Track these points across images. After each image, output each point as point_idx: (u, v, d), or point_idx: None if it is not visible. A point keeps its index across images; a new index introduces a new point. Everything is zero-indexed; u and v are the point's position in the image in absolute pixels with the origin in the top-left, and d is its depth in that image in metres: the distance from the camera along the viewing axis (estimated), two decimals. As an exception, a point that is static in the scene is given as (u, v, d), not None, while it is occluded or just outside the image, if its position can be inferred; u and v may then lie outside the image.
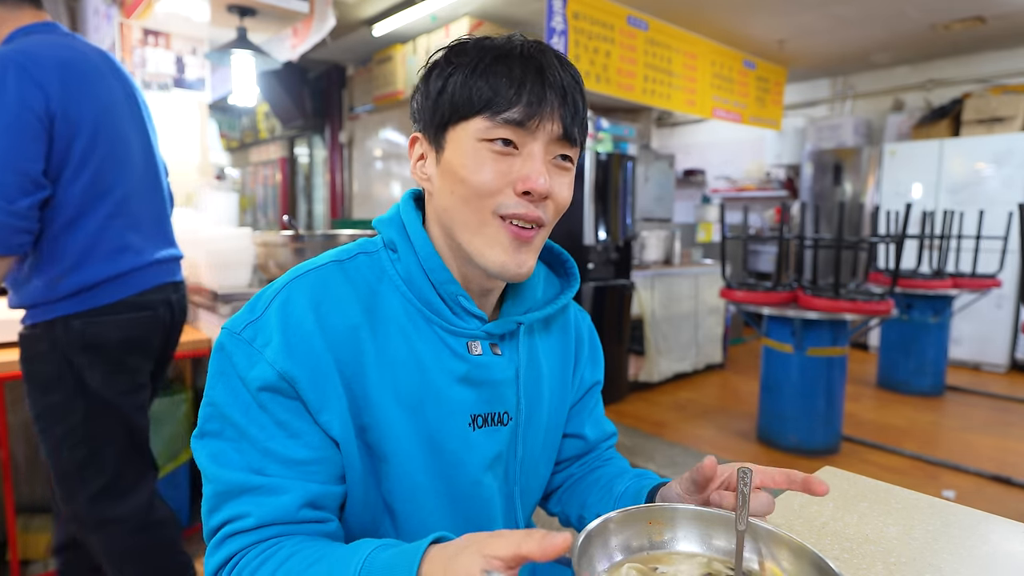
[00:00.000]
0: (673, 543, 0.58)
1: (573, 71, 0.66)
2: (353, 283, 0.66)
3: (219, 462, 0.61)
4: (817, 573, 0.51)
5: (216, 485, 0.61)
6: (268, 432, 0.61)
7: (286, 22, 2.68)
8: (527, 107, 0.62)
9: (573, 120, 0.65)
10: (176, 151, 2.80)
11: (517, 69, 0.62)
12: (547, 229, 0.68)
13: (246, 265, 2.20)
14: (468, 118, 0.63)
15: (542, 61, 0.64)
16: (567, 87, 0.64)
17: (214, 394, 0.63)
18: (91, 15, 3.64)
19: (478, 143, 0.63)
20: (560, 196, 0.66)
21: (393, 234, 0.70)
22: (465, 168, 0.63)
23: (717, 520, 0.58)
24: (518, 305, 0.75)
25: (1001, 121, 4.76)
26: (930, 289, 3.85)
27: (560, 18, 3.55)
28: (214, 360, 0.64)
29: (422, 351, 0.67)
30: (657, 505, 0.60)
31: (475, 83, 0.62)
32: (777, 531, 0.56)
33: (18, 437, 2.13)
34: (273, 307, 0.63)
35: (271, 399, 0.61)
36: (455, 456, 0.68)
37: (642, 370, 4.18)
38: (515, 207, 0.63)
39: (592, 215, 3.69)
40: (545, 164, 0.64)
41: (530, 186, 0.62)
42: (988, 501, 2.60)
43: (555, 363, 0.80)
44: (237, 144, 7.74)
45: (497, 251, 0.65)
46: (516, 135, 0.63)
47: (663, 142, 7.50)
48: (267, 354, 0.60)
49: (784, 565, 0.54)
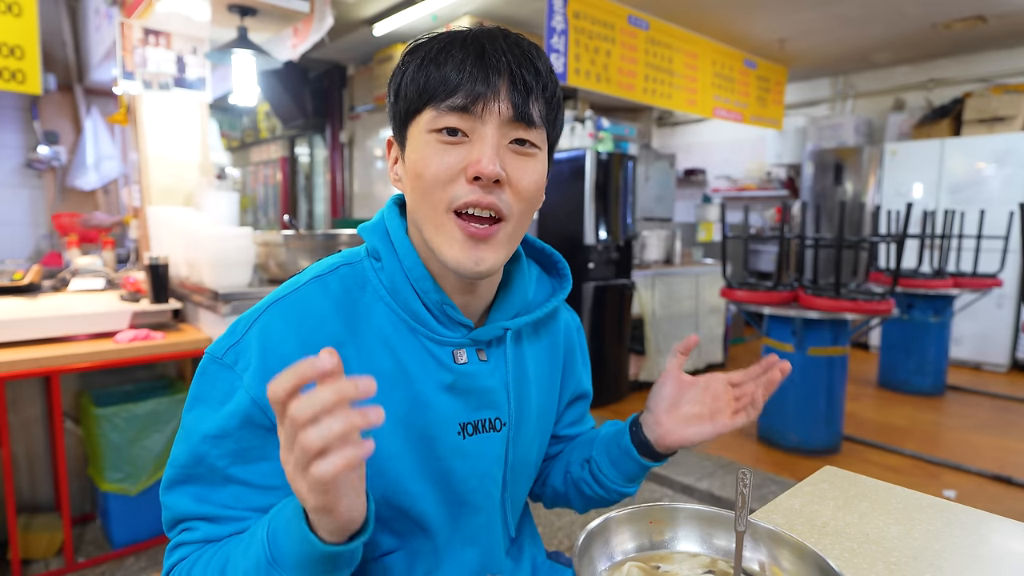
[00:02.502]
0: (674, 543, 0.59)
1: (526, 47, 0.63)
2: (334, 298, 0.65)
3: (177, 485, 0.63)
4: (818, 573, 0.52)
5: (174, 511, 0.63)
6: (232, 460, 0.61)
7: (287, 22, 2.67)
8: (469, 91, 0.60)
9: (526, 99, 0.61)
10: (177, 151, 2.80)
11: (459, 55, 0.61)
12: (511, 225, 0.64)
13: (247, 265, 2.20)
14: (419, 112, 0.62)
15: (484, 44, 0.61)
16: (514, 65, 0.61)
17: (189, 418, 0.63)
18: (92, 15, 3.64)
19: (428, 135, 0.62)
20: (521, 183, 0.63)
21: (377, 242, 0.69)
22: (419, 162, 0.62)
23: (717, 520, 0.59)
24: (507, 308, 0.73)
25: (1002, 120, 4.76)
26: (931, 289, 3.84)
27: (560, 17, 3.54)
28: (195, 383, 0.64)
29: (407, 362, 0.66)
30: (657, 505, 0.61)
31: (421, 76, 0.62)
32: (778, 531, 0.56)
33: (18, 437, 2.13)
34: (253, 331, 0.63)
35: (244, 430, 0.60)
36: (446, 465, 0.68)
37: (643, 370, 4.18)
38: (467, 195, 0.61)
39: (593, 215, 3.69)
40: (499, 149, 0.61)
41: (478, 170, 0.59)
42: (989, 501, 2.59)
43: (543, 368, 0.80)
44: (238, 144, 7.74)
45: (453, 248, 0.62)
46: (463, 122, 0.61)
47: (664, 142, 7.50)
48: (246, 379, 0.60)
49: (785, 565, 0.55)
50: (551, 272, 0.82)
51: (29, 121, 4.81)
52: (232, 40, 2.60)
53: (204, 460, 0.61)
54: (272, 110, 6.08)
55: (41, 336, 1.93)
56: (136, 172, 2.84)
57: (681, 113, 6.54)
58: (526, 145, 0.63)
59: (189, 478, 0.62)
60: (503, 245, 0.64)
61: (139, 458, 1.99)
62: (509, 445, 0.73)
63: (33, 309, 2.03)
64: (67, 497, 1.93)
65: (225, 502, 0.62)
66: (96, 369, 1.91)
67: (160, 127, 2.75)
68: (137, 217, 2.91)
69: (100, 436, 1.94)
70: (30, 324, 1.90)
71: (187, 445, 0.62)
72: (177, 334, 2.14)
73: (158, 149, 2.75)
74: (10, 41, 2.38)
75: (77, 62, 4.44)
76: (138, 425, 1.99)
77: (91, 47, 3.83)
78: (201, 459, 0.61)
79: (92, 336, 2.04)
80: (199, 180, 2.82)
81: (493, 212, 0.62)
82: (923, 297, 3.97)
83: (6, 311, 1.94)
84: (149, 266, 2.20)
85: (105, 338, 2.04)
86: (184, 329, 2.25)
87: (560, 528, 2.29)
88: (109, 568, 2.00)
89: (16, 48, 2.39)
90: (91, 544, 2.12)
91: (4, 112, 4.70)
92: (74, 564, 1.96)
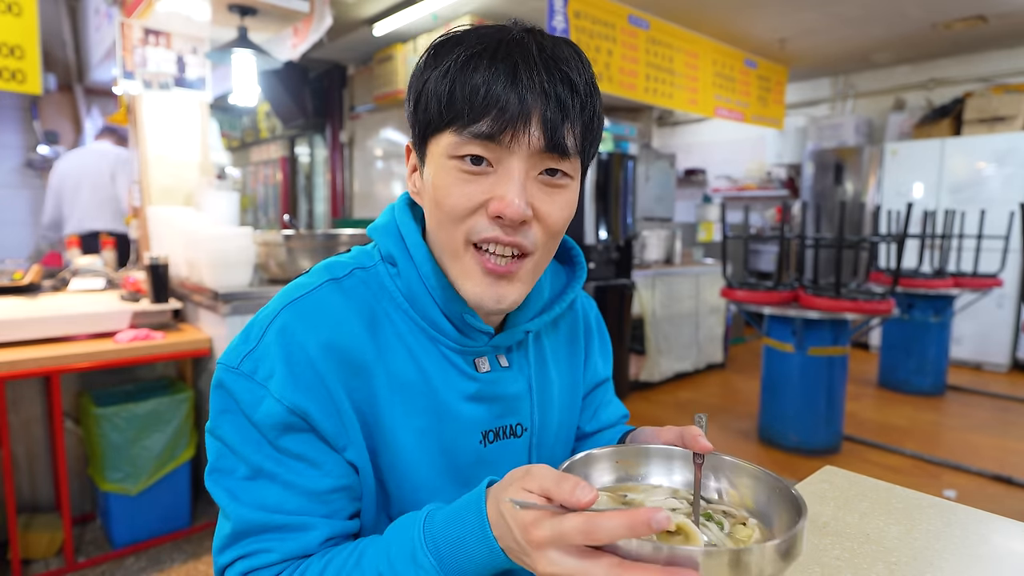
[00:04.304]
0: (641, 479, 0.62)
1: (564, 58, 0.56)
2: (353, 302, 0.61)
3: (238, 499, 0.57)
4: (772, 491, 0.55)
5: (235, 523, 0.56)
6: (286, 466, 0.57)
7: (287, 21, 2.67)
8: (497, 118, 0.53)
9: (560, 126, 0.54)
10: (177, 151, 2.80)
11: (487, 71, 0.53)
12: (536, 258, 0.60)
13: (247, 264, 2.20)
14: (440, 131, 0.56)
15: (518, 58, 0.54)
16: (547, 84, 0.54)
17: (222, 432, 0.58)
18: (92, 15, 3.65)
19: (448, 160, 0.56)
20: (550, 217, 0.57)
21: (391, 246, 0.65)
22: (438, 190, 0.57)
23: (679, 455, 0.62)
24: (527, 310, 0.69)
25: (1002, 120, 4.76)
26: (931, 289, 3.84)
27: (561, 17, 3.54)
28: (215, 398, 0.59)
29: (430, 371, 0.63)
30: (625, 446, 0.64)
31: (444, 89, 0.55)
32: (736, 460, 0.59)
33: (18, 437, 2.13)
34: (270, 334, 0.58)
35: (284, 436, 0.56)
36: (469, 474, 0.66)
37: (643, 370, 4.18)
38: (488, 231, 0.56)
39: (593, 215, 3.69)
40: (528, 182, 0.56)
41: (501, 210, 0.54)
42: (989, 501, 2.59)
43: (563, 362, 0.78)
44: (238, 143, 7.74)
45: (472, 283, 0.58)
46: (488, 151, 0.55)
47: (664, 141, 7.50)
48: (272, 388, 0.56)
49: (742, 490, 0.58)
50: (565, 261, 0.78)
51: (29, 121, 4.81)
52: (232, 40, 2.60)
53: (254, 465, 0.57)
54: (272, 110, 6.08)
55: (41, 336, 1.93)
56: (136, 172, 2.84)
57: (681, 113, 6.54)
58: (557, 175, 0.57)
59: (242, 486, 0.57)
60: (526, 280, 0.60)
61: (139, 458, 1.99)
62: (532, 450, 0.71)
63: (33, 309, 2.03)
64: (67, 497, 1.93)
65: (296, 508, 0.56)
66: (96, 369, 1.91)
67: (160, 127, 2.75)
68: (137, 217, 2.91)
69: (100, 436, 1.94)
70: (30, 324, 1.90)
71: (230, 459, 0.58)
72: (177, 334, 2.14)
73: (158, 149, 2.75)
74: (10, 41, 2.38)
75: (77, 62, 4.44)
76: (138, 425, 1.99)
77: (91, 47, 3.83)
78: (252, 465, 0.57)
79: (92, 336, 2.04)
80: (199, 180, 2.82)
81: (516, 250, 0.58)
82: (923, 297, 3.97)
83: (6, 311, 1.94)
84: (149, 266, 2.20)
85: (105, 338, 2.04)
86: (184, 329, 2.25)
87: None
88: (109, 568, 2.00)
89: (16, 48, 2.39)
90: (91, 544, 2.12)
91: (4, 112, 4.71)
92: (74, 564, 1.96)
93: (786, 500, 0.53)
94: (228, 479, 0.58)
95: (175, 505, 2.12)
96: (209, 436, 0.60)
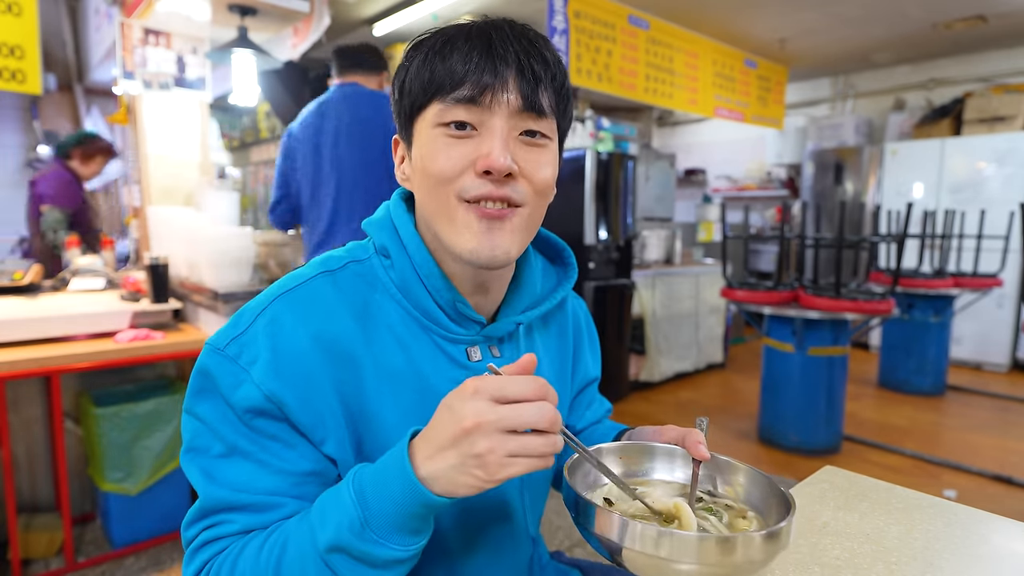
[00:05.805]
0: (644, 474, 0.69)
1: (533, 36, 0.62)
2: (345, 295, 0.64)
3: (211, 478, 0.58)
4: (765, 489, 0.62)
5: (204, 500, 0.58)
6: (260, 444, 0.58)
7: (287, 21, 2.67)
8: (476, 82, 0.58)
9: (535, 89, 0.60)
10: (177, 151, 2.80)
11: (464, 47, 0.59)
12: (527, 211, 0.63)
13: (247, 264, 2.20)
14: (425, 107, 0.61)
15: (491, 34, 0.60)
16: (522, 54, 0.59)
17: (199, 410, 0.60)
18: (92, 15, 3.65)
19: (435, 130, 0.60)
20: (535, 175, 0.61)
21: (385, 239, 0.67)
22: (426, 158, 0.61)
23: (680, 454, 0.68)
24: (518, 302, 0.72)
25: (1002, 120, 4.76)
26: (931, 289, 3.84)
27: (561, 17, 3.54)
28: (195, 378, 0.60)
29: (420, 360, 0.65)
30: (631, 443, 0.70)
31: (426, 70, 0.60)
32: (732, 461, 0.66)
33: (18, 437, 2.13)
34: (260, 322, 0.60)
35: (259, 420, 0.58)
36: None
37: (643, 369, 4.18)
38: (477, 188, 0.59)
39: (593, 215, 3.69)
40: (509, 141, 0.60)
41: (488, 164, 0.58)
42: (989, 501, 2.59)
43: (554, 359, 0.79)
44: (238, 143, 7.73)
45: (467, 236, 0.61)
46: (471, 114, 0.59)
47: (664, 141, 7.49)
48: (254, 373, 0.57)
49: (737, 489, 0.66)
50: (556, 262, 0.81)
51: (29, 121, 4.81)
52: (232, 40, 2.60)
53: (229, 443, 0.58)
54: (272, 110, 6.07)
55: (41, 336, 1.93)
56: (136, 172, 2.84)
57: (681, 113, 6.53)
58: (537, 136, 0.62)
59: (215, 464, 0.59)
60: (519, 231, 0.63)
61: (139, 458, 1.99)
62: None
63: (33, 309, 2.03)
64: (67, 497, 1.93)
65: (268, 488, 0.58)
66: (96, 369, 1.91)
67: (160, 127, 2.75)
68: (137, 217, 2.91)
69: (100, 436, 1.94)
70: (30, 324, 1.90)
71: (206, 438, 0.59)
72: (177, 334, 2.14)
73: (158, 149, 2.75)
74: (10, 41, 2.38)
75: (77, 62, 4.44)
76: (138, 425, 1.99)
77: (91, 47, 3.83)
78: (227, 443, 0.58)
79: (92, 336, 2.04)
80: (199, 180, 2.82)
81: (507, 202, 0.61)
82: (923, 297, 3.97)
83: (6, 311, 1.94)
84: (149, 266, 2.20)
85: (105, 338, 2.04)
86: (184, 329, 2.25)
87: (560, 528, 2.29)
88: (109, 568, 2.00)
89: (16, 48, 2.39)
90: (91, 544, 2.12)
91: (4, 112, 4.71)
92: (74, 564, 1.96)
93: (778, 499, 0.59)
94: (203, 457, 0.59)
95: (175, 505, 2.12)
96: (186, 415, 0.61)
